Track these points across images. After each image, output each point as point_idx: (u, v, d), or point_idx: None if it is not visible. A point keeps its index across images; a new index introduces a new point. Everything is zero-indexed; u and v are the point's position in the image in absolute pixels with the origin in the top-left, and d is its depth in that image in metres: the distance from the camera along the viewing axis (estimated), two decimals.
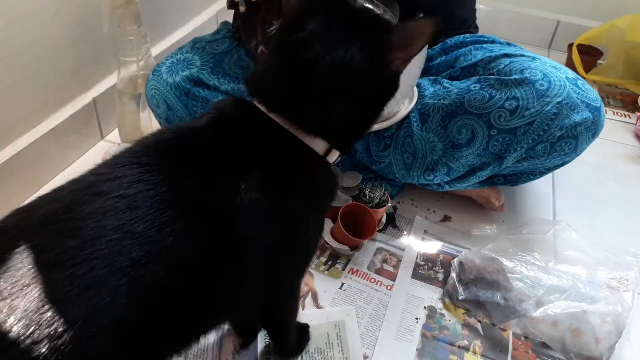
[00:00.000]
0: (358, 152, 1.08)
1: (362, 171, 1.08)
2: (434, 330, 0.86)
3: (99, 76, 1.19)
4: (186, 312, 0.49)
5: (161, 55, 1.31)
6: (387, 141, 1.03)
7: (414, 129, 0.98)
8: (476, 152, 0.94)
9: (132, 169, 0.48)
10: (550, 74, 0.89)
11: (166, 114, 1.02)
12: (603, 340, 0.81)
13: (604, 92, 1.71)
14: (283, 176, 0.56)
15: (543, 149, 0.91)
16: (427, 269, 0.97)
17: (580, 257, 0.98)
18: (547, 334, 0.84)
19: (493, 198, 1.09)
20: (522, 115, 0.88)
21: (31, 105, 1.03)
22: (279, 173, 0.56)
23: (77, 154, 1.17)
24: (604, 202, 1.20)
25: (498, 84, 0.91)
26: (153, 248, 0.44)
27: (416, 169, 1.01)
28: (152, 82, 1.01)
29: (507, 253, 0.94)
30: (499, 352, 0.83)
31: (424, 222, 1.08)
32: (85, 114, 1.16)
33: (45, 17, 0.99)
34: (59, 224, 0.43)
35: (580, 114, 0.89)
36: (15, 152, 1.00)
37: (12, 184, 1.01)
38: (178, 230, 0.45)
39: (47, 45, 1.02)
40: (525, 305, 0.86)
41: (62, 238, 0.42)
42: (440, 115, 0.96)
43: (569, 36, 1.82)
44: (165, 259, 0.44)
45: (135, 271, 0.42)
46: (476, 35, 1.09)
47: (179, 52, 1.06)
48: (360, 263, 0.97)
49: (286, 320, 0.73)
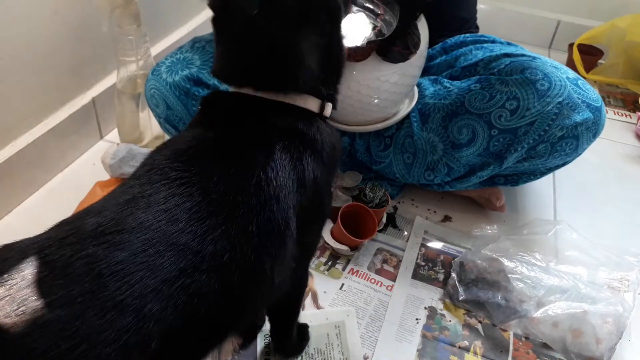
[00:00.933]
0: (358, 152, 1.08)
1: (363, 171, 1.08)
2: (434, 330, 0.86)
3: (98, 76, 1.19)
4: (230, 314, 0.50)
5: (161, 55, 1.31)
6: (388, 141, 1.03)
7: (415, 128, 0.98)
8: (477, 152, 0.94)
9: (164, 185, 0.49)
10: (551, 74, 0.89)
11: (166, 113, 1.01)
12: (604, 341, 0.81)
13: (604, 92, 1.71)
14: (301, 144, 0.57)
15: (544, 149, 0.91)
16: (427, 270, 0.97)
17: (581, 257, 0.98)
18: (548, 334, 0.84)
19: (494, 198, 1.09)
20: (523, 116, 0.88)
21: (31, 105, 1.03)
22: (296, 143, 0.57)
23: (76, 153, 1.17)
24: (605, 202, 1.20)
25: (499, 83, 0.91)
26: (197, 257, 0.45)
27: (416, 169, 1.01)
28: (151, 81, 1.01)
29: (507, 253, 0.94)
30: (500, 352, 0.83)
31: (424, 222, 1.08)
32: (84, 114, 1.15)
33: (45, 17, 0.99)
34: (108, 236, 0.44)
35: (581, 114, 0.88)
36: (15, 152, 0.99)
37: (12, 183, 1.01)
38: (218, 237, 0.47)
39: (47, 45, 1.02)
40: (526, 306, 0.86)
41: (112, 250, 0.43)
42: (441, 115, 0.96)
43: (570, 36, 1.82)
44: (209, 267, 0.46)
45: (182, 281, 0.44)
46: (476, 35, 1.09)
47: (178, 51, 1.05)
48: (360, 263, 0.97)
49: (297, 312, 0.75)
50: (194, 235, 0.46)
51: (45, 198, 1.06)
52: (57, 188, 1.09)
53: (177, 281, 0.44)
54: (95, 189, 0.88)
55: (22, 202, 1.04)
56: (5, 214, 1.01)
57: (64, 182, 1.11)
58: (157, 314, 0.42)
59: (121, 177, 0.91)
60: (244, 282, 0.49)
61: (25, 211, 1.03)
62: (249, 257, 0.49)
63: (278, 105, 0.58)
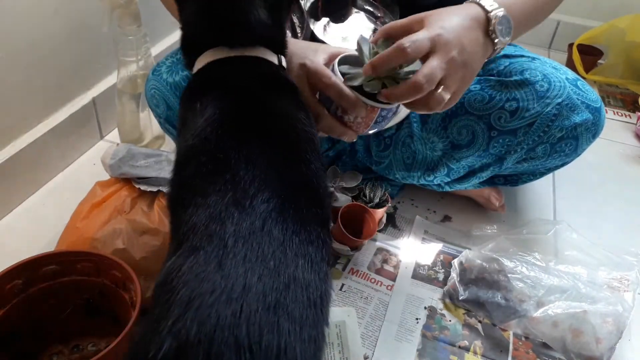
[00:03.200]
0: (358, 152, 1.08)
1: (363, 171, 1.08)
2: (434, 330, 0.86)
3: (98, 76, 1.19)
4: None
5: (161, 55, 1.31)
6: (388, 141, 1.03)
7: (414, 129, 0.98)
8: (476, 154, 0.94)
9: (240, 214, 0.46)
10: (551, 75, 0.89)
11: (166, 113, 1.01)
12: (604, 341, 0.81)
13: (604, 92, 1.71)
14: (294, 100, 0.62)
15: (543, 150, 0.91)
16: (427, 269, 0.97)
17: (580, 257, 0.98)
18: (548, 334, 0.84)
19: (493, 198, 1.09)
20: (522, 117, 0.88)
21: (31, 105, 1.03)
22: (293, 100, 0.61)
23: (76, 153, 1.17)
24: (604, 202, 1.20)
25: (498, 85, 0.91)
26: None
27: (416, 169, 1.01)
28: (152, 81, 1.01)
29: (507, 253, 0.94)
30: (500, 352, 0.83)
31: (424, 222, 1.08)
32: (84, 114, 1.15)
33: (45, 16, 0.99)
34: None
35: (581, 115, 0.88)
36: (15, 152, 0.99)
37: (12, 183, 1.01)
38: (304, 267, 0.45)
39: (47, 45, 1.02)
40: (526, 306, 0.86)
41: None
42: (441, 116, 0.96)
43: (569, 36, 1.82)
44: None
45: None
46: None
47: (179, 51, 1.05)
48: (360, 263, 0.97)
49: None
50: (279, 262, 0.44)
51: (45, 198, 1.06)
52: (57, 188, 1.09)
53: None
54: (95, 189, 0.88)
55: (22, 202, 1.04)
56: (5, 214, 1.01)
57: (64, 182, 1.11)
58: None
59: (121, 177, 0.91)
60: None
61: (25, 211, 1.03)
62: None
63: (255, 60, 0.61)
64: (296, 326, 0.40)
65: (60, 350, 0.76)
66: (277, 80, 0.62)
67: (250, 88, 0.59)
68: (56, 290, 0.73)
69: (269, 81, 0.61)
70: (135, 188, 0.84)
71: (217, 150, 0.51)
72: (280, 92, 0.61)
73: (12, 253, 0.81)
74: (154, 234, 0.80)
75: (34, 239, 0.94)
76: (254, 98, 0.58)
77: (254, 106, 0.57)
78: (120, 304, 0.73)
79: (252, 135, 0.53)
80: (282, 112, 0.58)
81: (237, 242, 0.43)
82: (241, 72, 0.61)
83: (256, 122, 0.56)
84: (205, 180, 0.49)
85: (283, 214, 0.46)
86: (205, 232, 0.44)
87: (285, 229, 0.45)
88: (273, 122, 0.56)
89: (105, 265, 0.73)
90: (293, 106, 0.60)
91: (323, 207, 0.52)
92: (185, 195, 0.50)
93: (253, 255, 0.42)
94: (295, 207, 0.48)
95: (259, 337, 0.37)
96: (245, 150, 0.51)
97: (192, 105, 0.59)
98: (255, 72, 0.61)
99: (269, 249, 0.43)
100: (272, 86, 0.61)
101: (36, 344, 0.74)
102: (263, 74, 0.62)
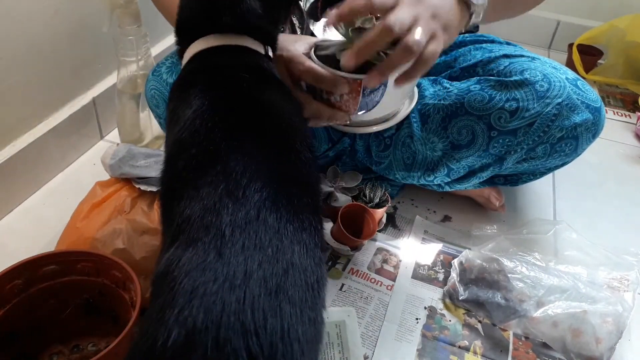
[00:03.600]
0: (358, 152, 1.08)
1: (362, 172, 1.08)
2: (434, 330, 0.86)
3: (98, 76, 1.19)
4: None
5: (161, 55, 1.31)
6: (388, 142, 1.03)
7: (414, 129, 0.98)
8: (476, 154, 0.94)
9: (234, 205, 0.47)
10: (550, 75, 0.89)
11: (166, 114, 1.01)
12: (603, 341, 0.81)
13: (604, 92, 1.71)
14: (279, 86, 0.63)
15: (543, 150, 0.91)
16: (427, 269, 0.97)
17: (580, 257, 0.98)
18: (548, 334, 0.84)
19: (493, 198, 1.09)
20: (522, 117, 0.88)
21: (31, 105, 1.03)
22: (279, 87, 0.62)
23: (76, 153, 1.17)
24: (604, 202, 1.20)
25: (498, 85, 0.91)
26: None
27: (416, 169, 1.01)
28: (152, 82, 1.01)
29: (507, 253, 0.94)
30: (500, 352, 0.83)
31: (424, 222, 1.08)
32: (84, 114, 1.15)
33: (45, 16, 0.99)
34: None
35: (580, 115, 0.88)
36: (15, 152, 0.99)
37: (12, 183, 1.01)
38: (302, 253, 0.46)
39: (47, 45, 1.02)
40: (526, 306, 0.86)
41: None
42: (441, 116, 0.96)
43: (569, 36, 1.82)
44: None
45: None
46: (476, 35, 1.09)
47: None
48: (360, 263, 0.97)
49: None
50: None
51: (45, 198, 1.06)
52: (57, 188, 1.09)
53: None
54: (95, 189, 0.88)
55: (22, 202, 1.04)
56: (5, 214, 1.01)
57: (64, 182, 1.11)
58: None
59: (121, 177, 0.91)
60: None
61: (25, 211, 1.03)
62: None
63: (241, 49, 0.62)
64: (297, 309, 0.41)
65: (60, 350, 0.76)
66: (264, 71, 0.63)
67: (238, 79, 0.59)
68: (56, 290, 0.73)
69: (256, 72, 0.61)
70: (135, 188, 0.84)
71: (207, 142, 0.51)
72: (268, 82, 0.61)
73: (12, 253, 0.81)
74: (154, 234, 0.80)
75: (34, 239, 0.94)
76: (242, 89, 0.58)
77: (242, 97, 0.57)
78: (120, 304, 0.73)
79: (241, 126, 0.54)
80: (270, 102, 0.58)
81: (234, 232, 0.43)
82: (229, 63, 0.61)
83: (245, 113, 0.56)
84: (197, 172, 0.49)
85: (276, 203, 0.47)
86: (201, 224, 0.45)
87: (280, 218, 0.46)
88: (262, 113, 0.57)
89: (105, 265, 0.73)
90: (281, 96, 0.61)
91: (314, 195, 0.53)
92: (177, 188, 0.50)
93: (251, 243, 0.43)
94: (287, 196, 0.48)
95: (264, 321, 0.38)
96: (235, 141, 0.51)
97: (180, 96, 0.59)
98: (243, 62, 0.62)
99: (265, 237, 0.44)
100: (260, 77, 0.61)
101: (36, 344, 0.74)
102: (250, 64, 0.62)
